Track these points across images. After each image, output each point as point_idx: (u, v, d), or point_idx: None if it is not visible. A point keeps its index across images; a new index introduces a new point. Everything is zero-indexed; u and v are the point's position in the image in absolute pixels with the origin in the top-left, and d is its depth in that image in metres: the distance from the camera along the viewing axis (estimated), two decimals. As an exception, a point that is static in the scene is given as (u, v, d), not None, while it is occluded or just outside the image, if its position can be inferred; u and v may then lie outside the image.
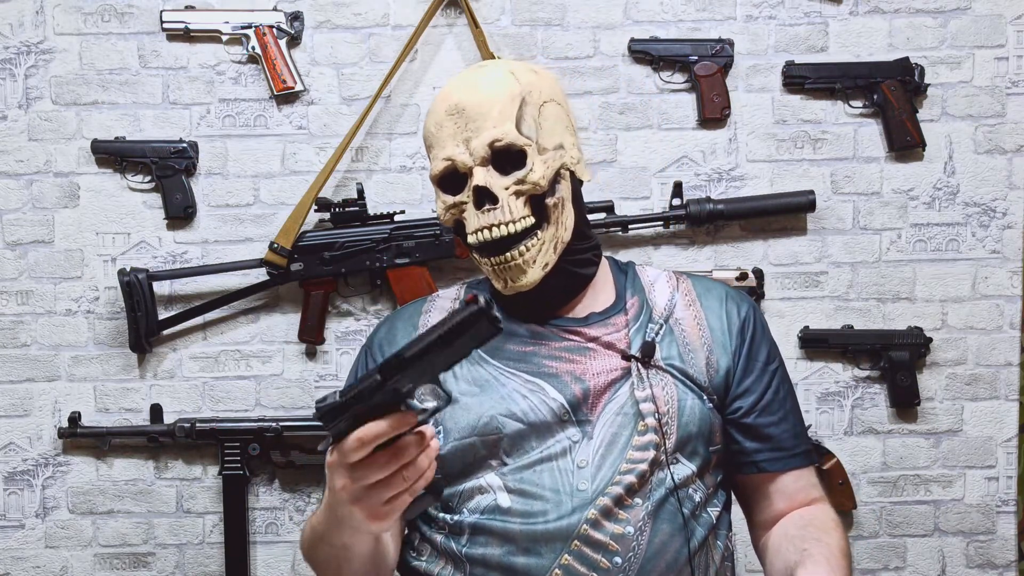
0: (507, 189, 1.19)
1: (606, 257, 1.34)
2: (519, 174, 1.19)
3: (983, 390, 1.88)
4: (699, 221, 1.84)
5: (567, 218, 1.22)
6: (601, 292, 1.29)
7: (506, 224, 1.18)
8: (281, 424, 1.82)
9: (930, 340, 1.85)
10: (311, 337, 1.86)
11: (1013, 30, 1.86)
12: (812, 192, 1.84)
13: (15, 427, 1.88)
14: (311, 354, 1.89)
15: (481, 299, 0.86)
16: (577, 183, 1.26)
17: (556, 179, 1.21)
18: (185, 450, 1.88)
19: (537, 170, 1.19)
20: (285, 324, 1.89)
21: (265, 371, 1.89)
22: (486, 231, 1.19)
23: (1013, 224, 1.87)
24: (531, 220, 1.20)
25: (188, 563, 1.89)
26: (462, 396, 1.22)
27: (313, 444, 1.83)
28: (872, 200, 1.88)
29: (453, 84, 1.24)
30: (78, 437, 1.85)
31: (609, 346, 1.23)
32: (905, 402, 1.86)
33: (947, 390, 1.88)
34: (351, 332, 1.88)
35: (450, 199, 1.22)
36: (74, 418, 1.84)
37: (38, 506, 1.89)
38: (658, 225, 1.86)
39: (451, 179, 1.22)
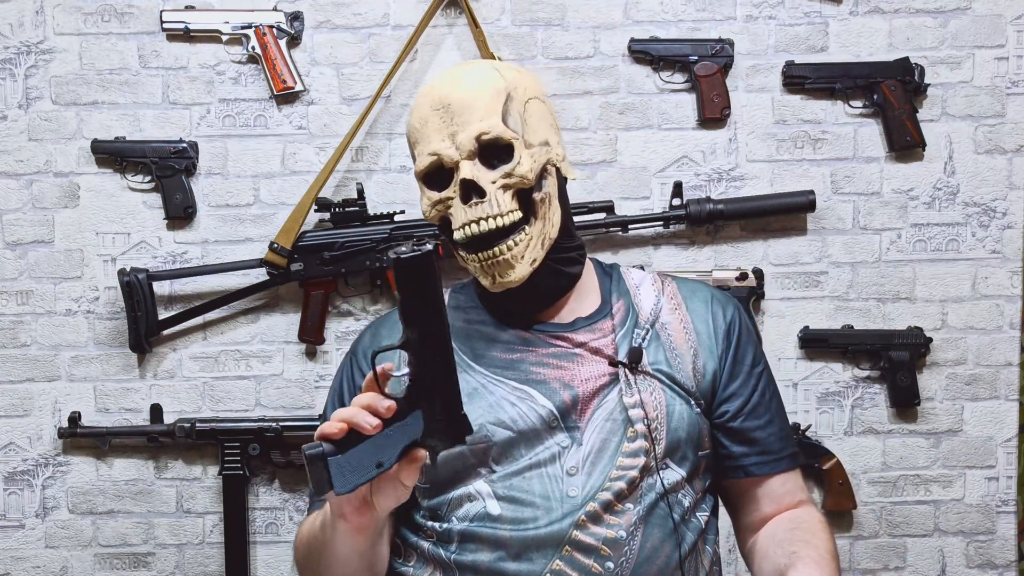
0: (494, 183, 1.17)
1: (590, 259, 1.33)
2: (506, 167, 1.17)
3: (983, 390, 1.88)
4: (699, 221, 1.84)
5: (554, 214, 1.22)
6: (587, 295, 1.28)
7: (494, 217, 1.17)
8: (281, 424, 1.82)
9: (930, 340, 1.85)
10: (311, 337, 1.86)
11: (1013, 30, 1.86)
12: (812, 192, 1.84)
13: (15, 427, 1.88)
14: (311, 354, 1.89)
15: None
16: (563, 181, 1.26)
17: (543, 175, 1.20)
18: (185, 450, 1.88)
19: (524, 163, 1.18)
20: (285, 324, 1.88)
21: (265, 371, 1.89)
22: (473, 225, 1.17)
23: (1013, 224, 1.87)
24: (519, 214, 1.18)
25: (188, 563, 1.89)
26: None
27: (313, 444, 1.84)
28: (872, 200, 1.88)
29: (437, 80, 1.23)
30: (78, 437, 1.85)
31: (596, 352, 1.22)
32: (905, 402, 1.86)
33: (947, 390, 1.88)
34: (351, 332, 1.88)
35: (436, 195, 1.21)
36: (74, 418, 1.84)
37: (38, 506, 1.89)
38: (658, 225, 1.86)
39: (437, 175, 1.21)
